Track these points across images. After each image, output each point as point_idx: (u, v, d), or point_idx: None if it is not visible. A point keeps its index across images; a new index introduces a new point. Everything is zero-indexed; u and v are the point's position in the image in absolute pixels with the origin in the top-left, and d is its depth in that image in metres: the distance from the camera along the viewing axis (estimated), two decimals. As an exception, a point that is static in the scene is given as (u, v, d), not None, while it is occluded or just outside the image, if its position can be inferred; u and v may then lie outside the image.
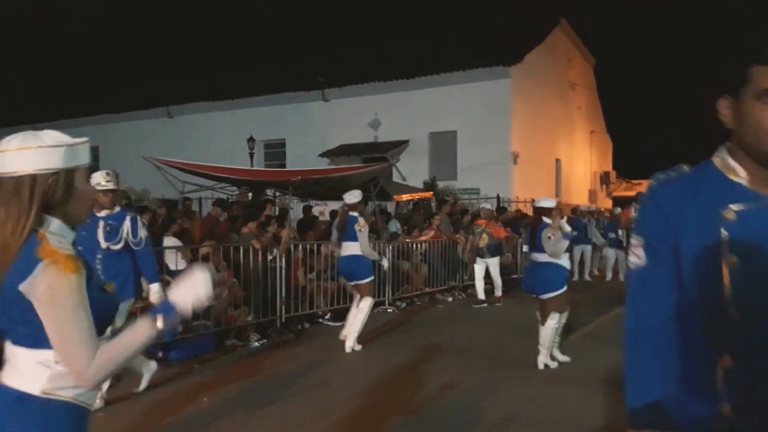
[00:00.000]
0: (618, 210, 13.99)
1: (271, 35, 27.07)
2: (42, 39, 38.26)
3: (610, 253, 13.19)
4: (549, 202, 6.07)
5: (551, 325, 5.58)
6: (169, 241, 7.40)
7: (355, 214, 6.62)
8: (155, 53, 28.20)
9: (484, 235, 9.64)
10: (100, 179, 4.52)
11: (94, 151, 25.77)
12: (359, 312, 6.49)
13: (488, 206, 10.35)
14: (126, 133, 23.97)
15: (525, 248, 8.60)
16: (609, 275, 13.16)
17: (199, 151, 18.65)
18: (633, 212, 11.02)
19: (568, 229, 5.75)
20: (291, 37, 25.82)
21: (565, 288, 5.68)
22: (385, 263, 7.71)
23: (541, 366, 5.63)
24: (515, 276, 11.20)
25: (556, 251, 5.48)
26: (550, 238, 5.45)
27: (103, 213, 4.62)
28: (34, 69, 31.88)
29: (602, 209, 18.60)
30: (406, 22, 23.90)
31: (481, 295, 9.64)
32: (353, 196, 6.70)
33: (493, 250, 9.74)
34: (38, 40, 41.17)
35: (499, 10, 22.00)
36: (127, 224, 4.66)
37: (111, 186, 4.63)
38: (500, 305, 9.57)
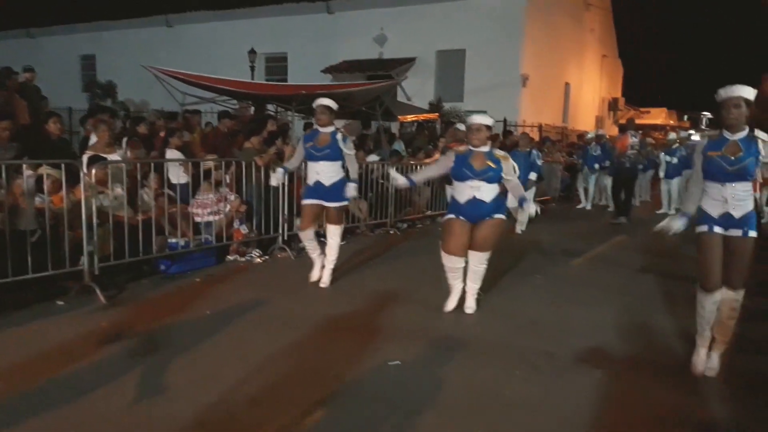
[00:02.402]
0: (598, 132, 13.51)
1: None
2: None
3: (603, 179, 12.83)
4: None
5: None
6: (170, 153, 7.24)
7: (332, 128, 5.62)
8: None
9: None
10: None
11: (90, 59, 25.06)
12: (331, 245, 5.71)
13: (462, 127, 8.72)
14: (123, 41, 23.18)
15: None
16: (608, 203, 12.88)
17: (198, 63, 18.04)
18: (629, 139, 10.62)
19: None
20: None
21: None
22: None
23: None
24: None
25: None
26: None
27: None
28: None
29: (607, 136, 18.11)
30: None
31: None
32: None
33: None
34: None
35: None
36: None
37: None
38: None
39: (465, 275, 4.99)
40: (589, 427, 3.11)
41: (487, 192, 4.73)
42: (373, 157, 9.25)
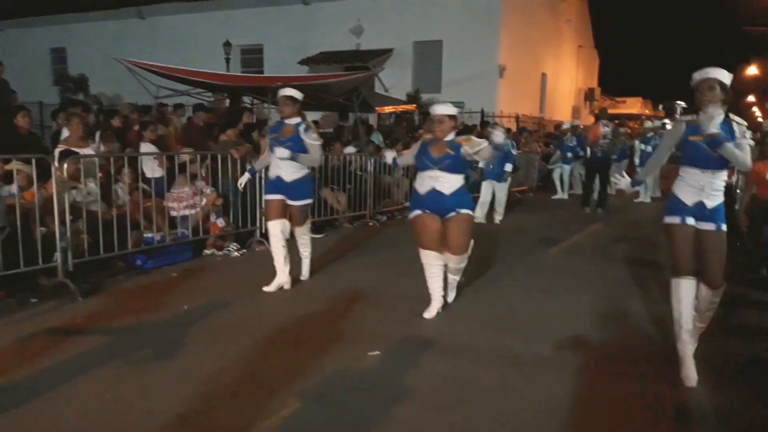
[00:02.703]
0: (573, 122, 13.62)
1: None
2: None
3: (578, 168, 12.95)
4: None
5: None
6: (145, 147, 7.14)
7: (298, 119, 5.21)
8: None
9: None
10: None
11: (61, 52, 24.53)
12: (302, 243, 5.55)
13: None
14: (94, 34, 22.73)
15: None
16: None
17: (172, 55, 17.77)
18: (601, 128, 10.67)
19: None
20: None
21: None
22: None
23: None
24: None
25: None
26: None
27: None
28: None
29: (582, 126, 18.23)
30: None
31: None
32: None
33: None
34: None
35: None
36: None
37: None
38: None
39: (446, 282, 4.77)
40: (566, 415, 3.15)
41: (446, 183, 4.43)
42: (350, 149, 9.21)
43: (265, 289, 5.22)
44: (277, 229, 5.27)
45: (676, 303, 3.61)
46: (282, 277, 5.30)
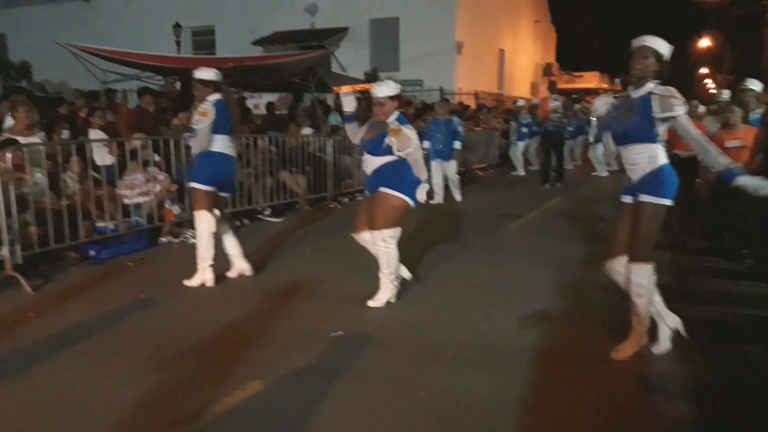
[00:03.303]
0: (532, 101, 13.78)
1: None
2: None
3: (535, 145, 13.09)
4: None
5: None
6: (94, 134, 6.89)
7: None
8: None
9: None
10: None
11: (1, 40, 23.46)
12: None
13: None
14: (38, 19, 21.80)
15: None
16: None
17: (120, 40, 17.10)
18: (550, 103, 10.76)
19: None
20: None
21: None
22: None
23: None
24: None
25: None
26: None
27: None
28: None
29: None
30: None
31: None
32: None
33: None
34: None
35: None
36: None
37: None
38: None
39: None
40: (528, 384, 3.20)
41: (371, 164, 4.25)
42: (307, 130, 9.09)
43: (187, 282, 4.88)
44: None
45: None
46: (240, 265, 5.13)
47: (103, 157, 6.56)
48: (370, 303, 4.33)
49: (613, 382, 3.22)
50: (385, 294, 4.37)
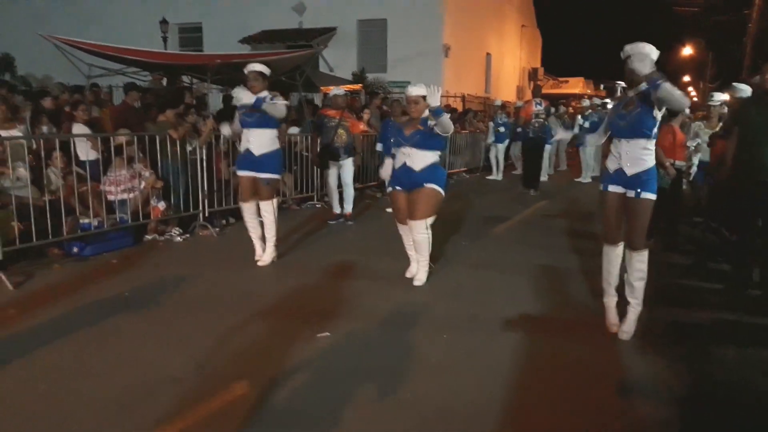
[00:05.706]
0: (520, 104, 13.83)
1: None
2: None
3: (514, 149, 13.12)
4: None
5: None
6: (78, 129, 6.80)
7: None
8: None
9: (340, 131, 7.41)
10: None
11: (-18, 32, 23.03)
12: (266, 223, 5.51)
13: (341, 92, 7.70)
14: (20, 11, 21.46)
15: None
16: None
17: (106, 36, 16.89)
18: (533, 107, 10.63)
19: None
20: None
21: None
22: None
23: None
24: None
25: None
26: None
27: None
28: None
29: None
30: None
31: (337, 209, 7.62)
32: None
33: (350, 150, 7.52)
34: None
35: None
36: None
37: None
38: (351, 224, 7.52)
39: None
40: (510, 386, 3.22)
41: (416, 159, 4.77)
42: (294, 130, 9.06)
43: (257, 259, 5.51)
44: (250, 211, 5.51)
45: (606, 264, 3.98)
46: (259, 248, 5.57)
47: (87, 152, 6.50)
48: (416, 283, 4.93)
49: (594, 386, 3.26)
50: (425, 273, 4.96)
